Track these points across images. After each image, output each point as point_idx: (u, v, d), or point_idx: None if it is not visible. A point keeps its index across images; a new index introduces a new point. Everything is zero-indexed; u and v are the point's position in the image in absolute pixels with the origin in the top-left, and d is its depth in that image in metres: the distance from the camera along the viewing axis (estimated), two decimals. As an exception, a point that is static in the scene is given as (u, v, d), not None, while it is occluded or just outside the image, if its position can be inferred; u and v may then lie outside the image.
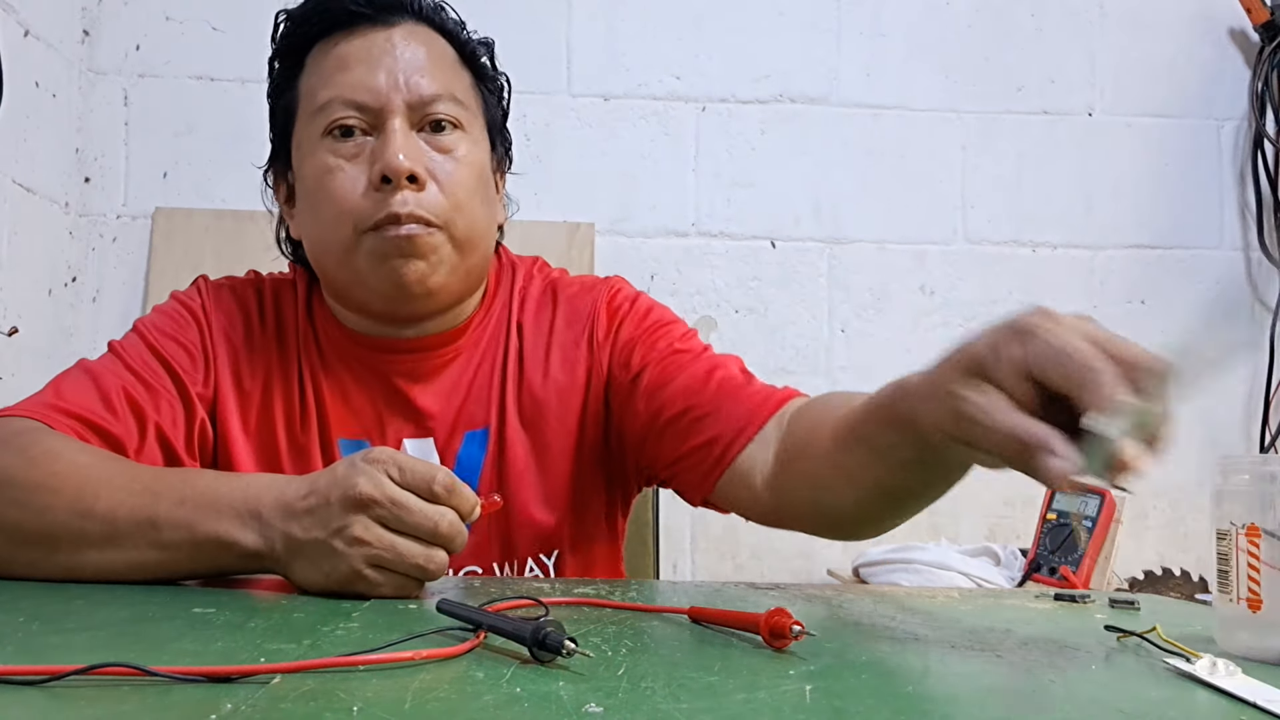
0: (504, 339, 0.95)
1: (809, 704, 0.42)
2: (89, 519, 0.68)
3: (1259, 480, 0.56)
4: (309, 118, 0.87)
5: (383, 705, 0.39)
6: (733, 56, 1.80)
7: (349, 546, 0.62)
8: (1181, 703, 0.45)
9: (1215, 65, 1.86)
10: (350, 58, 0.85)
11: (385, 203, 0.82)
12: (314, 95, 0.86)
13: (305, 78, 0.89)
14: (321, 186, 0.85)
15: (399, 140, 0.83)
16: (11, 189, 1.45)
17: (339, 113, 0.84)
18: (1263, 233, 1.84)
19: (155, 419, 0.83)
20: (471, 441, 0.92)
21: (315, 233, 0.88)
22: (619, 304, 0.96)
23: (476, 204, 0.88)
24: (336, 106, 0.84)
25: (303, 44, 0.89)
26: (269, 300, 0.95)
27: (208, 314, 0.92)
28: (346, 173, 0.84)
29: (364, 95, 0.84)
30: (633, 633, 0.57)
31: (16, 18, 1.45)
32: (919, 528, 1.77)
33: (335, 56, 0.86)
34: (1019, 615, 0.69)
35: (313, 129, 0.86)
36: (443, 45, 0.90)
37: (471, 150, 0.89)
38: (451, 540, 0.63)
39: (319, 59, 0.88)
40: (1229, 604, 0.56)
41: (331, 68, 0.86)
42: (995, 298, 1.82)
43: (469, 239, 0.87)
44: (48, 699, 0.40)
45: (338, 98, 0.84)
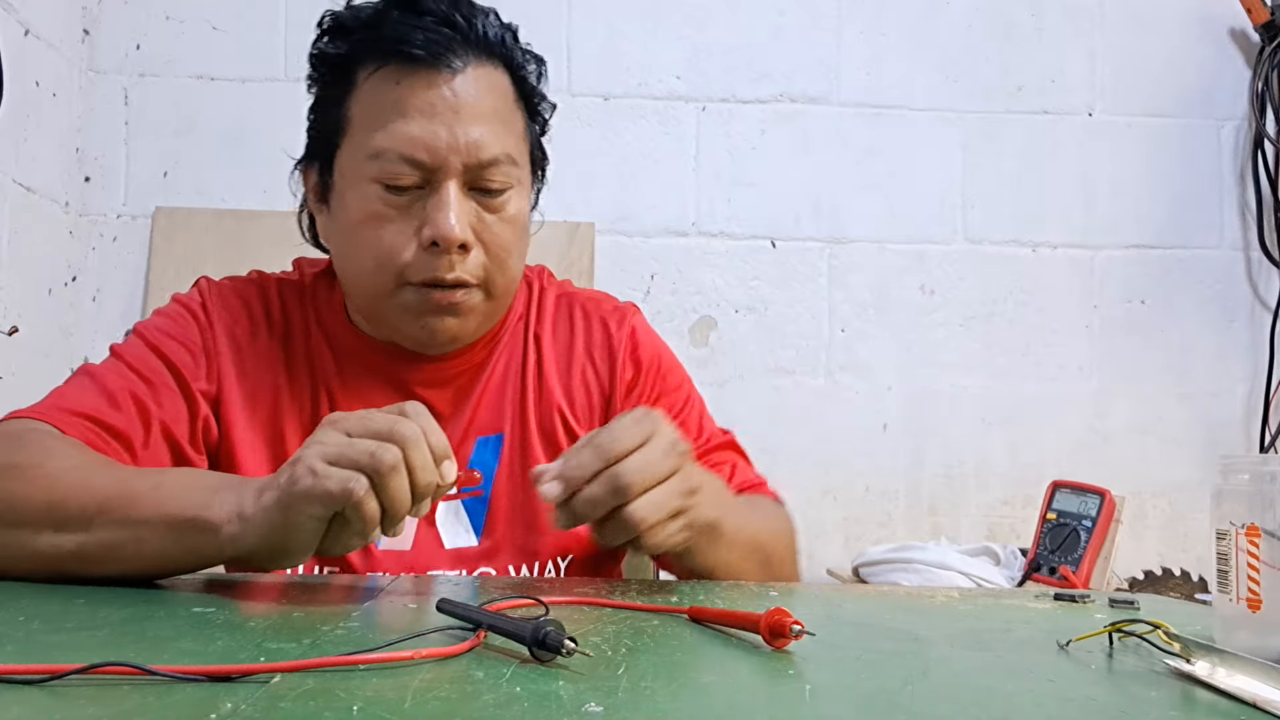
0: (521, 349, 0.96)
1: (809, 704, 0.42)
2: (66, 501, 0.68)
3: (1259, 480, 0.56)
4: (360, 154, 0.84)
5: (382, 705, 0.39)
6: (733, 56, 1.80)
7: (306, 450, 0.62)
8: (1181, 703, 0.45)
9: (1215, 65, 1.86)
10: (410, 106, 0.83)
11: (432, 265, 0.84)
12: (368, 134, 0.84)
13: (357, 102, 0.85)
14: (366, 231, 0.85)
15: (453, 207, 0.83)
16: (11, 188, 1.45)
17: (395, 168, 0.83)
18: (1263, 233, 1.84)
19: (159, 415, 0.84)
20: (484, 447, 0.92)
21: (352, 267, 0.88)
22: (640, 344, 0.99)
23: (516, 258, 0.90)
24: (392, 160, 0.82)
25: (353, 60, 0.86)
26: (275, 300, 0.95)
27: (209, 313, 0.92)
28: (396, 225, 0.84)
29: (422, 153, 0.82)
30: (633, 633, 0.57)
31: (16, 17, 1.45)
32: (919, 528, 1.77)
33: (393, 99, 0.83)
34: (1019, 615, 0.69)
35: (363, 169, 0.84)
36: (504, 86, 0.88)
37: (519, 204, 0.89)
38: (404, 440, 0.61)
39: (375, 90, 0.84)
40: (1229, 604, 0.56)
41: (389, 110, 0.83)
42: (995, 298, 1.82)
43: (505, 292, 0.90)
44: (48, 698, 0.40)
45: (394, 150, 0.82)
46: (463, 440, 0.92)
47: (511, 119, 0.88)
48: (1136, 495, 1.78)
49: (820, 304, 1.79)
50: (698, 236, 1.78)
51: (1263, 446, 1.79)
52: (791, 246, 1.79)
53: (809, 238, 1.80)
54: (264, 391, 0.90)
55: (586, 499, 0.68)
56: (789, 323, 1.79)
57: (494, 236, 0.86)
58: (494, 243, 0.86)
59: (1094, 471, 1.71)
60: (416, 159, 0.82)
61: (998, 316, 1.82)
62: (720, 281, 1.78)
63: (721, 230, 1.79)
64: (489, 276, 0.87)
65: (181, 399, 0.86)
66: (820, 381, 1.78)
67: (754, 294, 1.78)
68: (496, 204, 0.86)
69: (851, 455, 1.78)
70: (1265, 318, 1.84)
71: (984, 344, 1.81)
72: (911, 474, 1.78)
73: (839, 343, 1.79)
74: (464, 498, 0.90)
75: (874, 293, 1.80)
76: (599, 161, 1.76)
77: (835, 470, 1.77)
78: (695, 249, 1.78)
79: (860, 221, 1.80)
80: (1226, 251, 1.86)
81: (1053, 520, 1.33)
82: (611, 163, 1.77)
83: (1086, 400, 1.81)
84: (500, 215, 0.87)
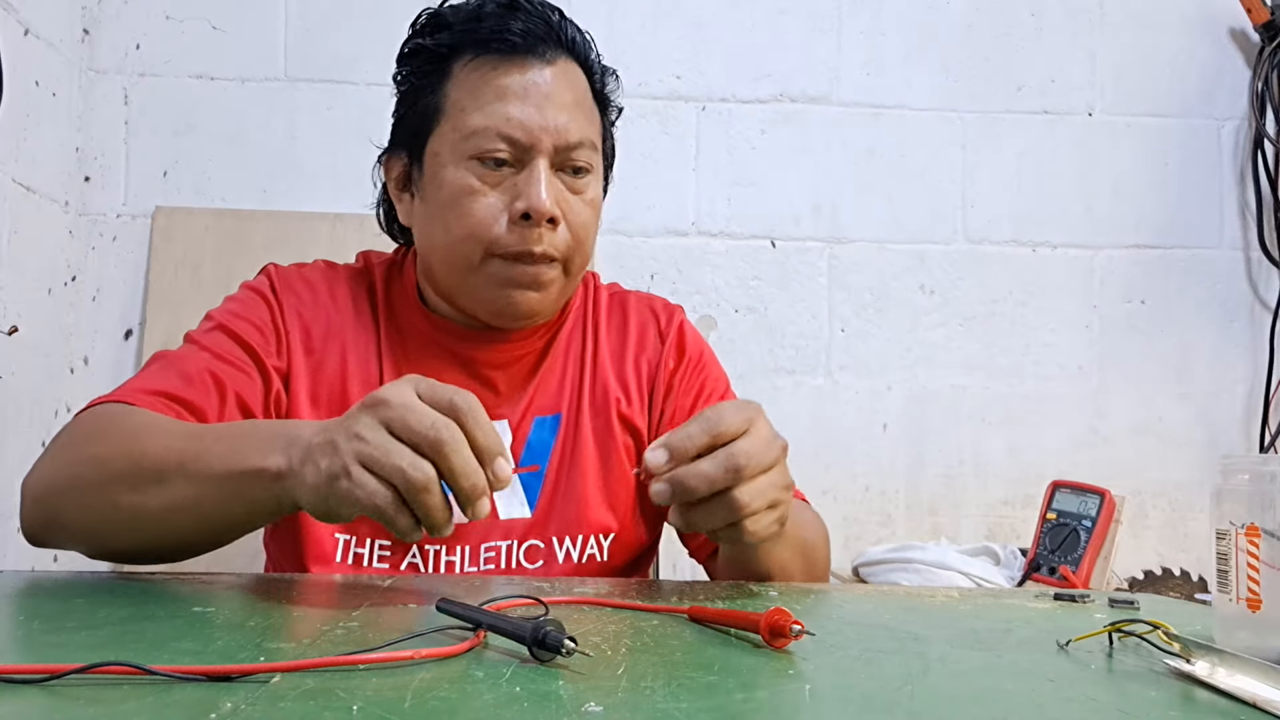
0: (581, 337, 1.03)
1: (809, 704, 0.42)
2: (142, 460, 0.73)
3: (1259, 480, 0.56)
4: (456, 134, 0.90)
5: (382, 704, 0.39)
6: (733, 56, 1.80)
7: (348, 441, 0.62)
8: (1181, 703, 0.45)
9: (1215, 65, 1.86)
10: (508, 90, 0.90)
11: (523, 238, 0.90)
12: (465, 115, 0.90)
13: (454, 89, 0.92)
14: (459, 204, 0.90)
15: (544, 182, 0.89)
16: (11, 188, 1.45)
17: (492, 144, 0.89)
18: (1263, 233, 1.84)
19: (234, 388, 0.88)
20: (541, 426, 0.98)
21: (440, 240, 0.93)
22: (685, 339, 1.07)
23: (592, 239, 0.96)
24: (490, 137, 0.89)
25: (450, 52, 0.93)
26: (342, 284, 1.00)
27: (278, 294, 0.96)
28: (488, 199, 0.90)
29: (518, 132, 0.89)
30: (633, 632, 0.57)
31: (16, 16, 1.45)
32: (919, 528, 1.77)
33: (493, 84, 0.90)
34: (1019, 615, 0.69)
35: (460, 147, 0.90)
36: (585, 84, 0.96)
37: (597, 190, 0.96)
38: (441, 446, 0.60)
39: (472, 77, 0.91)
40: (1229, 604, 0.56)
41: (488, 94, 0.90)
42: (995, 297, 1.82)
43: (579, 271, 0.97)
44: (48, 698, 0.40)
45: (492, 129, 0.89)
46: (522, 418, 0.98)
47: (591, 112, 0.96)
48: (1136, 495, 1.78)
49: (820, 304, 1.79)
50: (698, 236, 1.78)
51: (1263, 446, 1.79)
52: (791, 246, 1.79)
53: (809, 238, 1.80)
54: (331, 369, 0.95)
55: (699, 474, 0.69)
56: (789, 323, 1.79)
57: (576, 215, 0.92)
58: (576, 221, 0.92)
59: (1094, 471, 1.71)
60: (513, 137, 0.89)
61: (998, 316, 1.82)
62: (720, 281, 1.78)
63: (721, 230, 1.79)
64: (569, 254, 0.93)
65: (256, 373, 0.91)
66: (820, 381, 1.78)
67: (754, 294, 1.78)
68: (579, 185, 0.93)
69: (851, 455, 1.78)
70: (1265, 318, 1.84)
71: (984, 344, 1.81)
72: (911, 474, 1.78)
73: (839, 343, 1.79)
74: (522, 471, 0.96)
75: (874, 293, 1.80)
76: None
77: (835, 470, 1.77)
78: (695, 249, 1.78)
79: (860, 221, 1.80)
80: (1226, 251, 1.86)
81: (1053, 520, 1.33)
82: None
83: (1086, 400, 1.81)
84: (582, 196, 0.93)
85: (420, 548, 0.92)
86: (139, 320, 1.65)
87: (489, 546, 0.93)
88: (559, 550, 0.94)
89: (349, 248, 1.73)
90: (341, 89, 1.72)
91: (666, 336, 1.05)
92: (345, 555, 0.90)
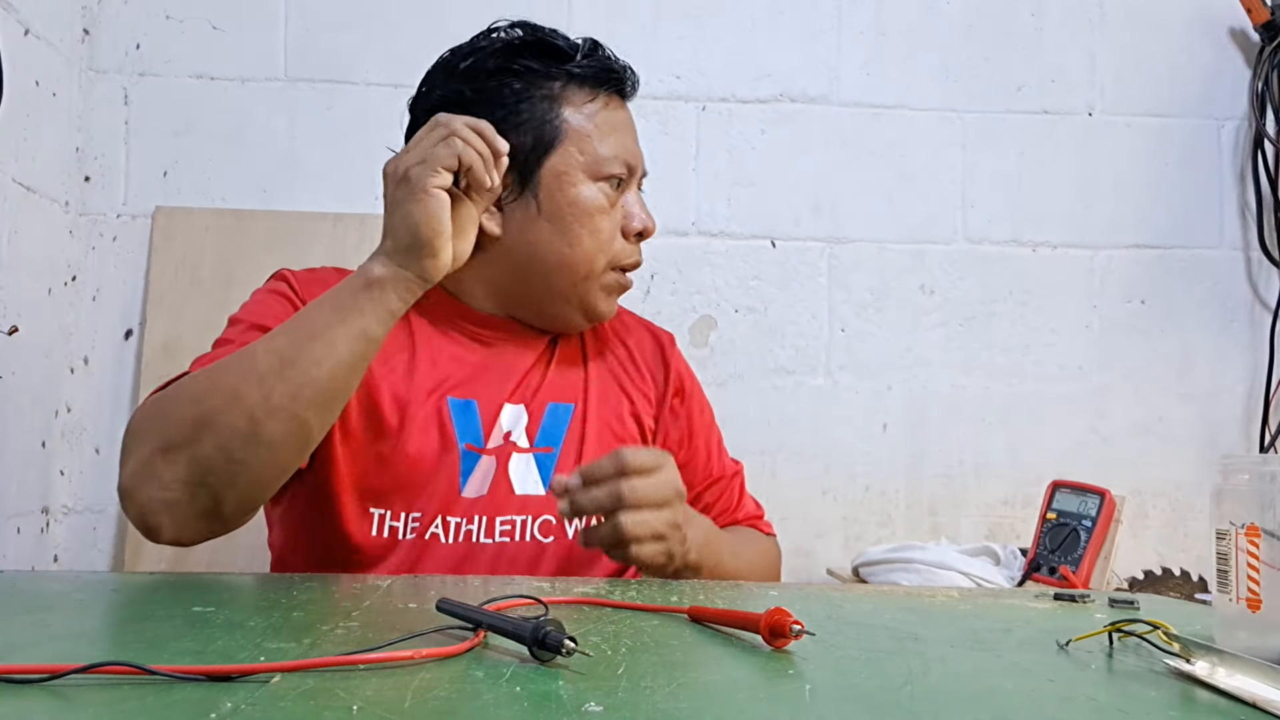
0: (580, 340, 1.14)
1: (809, 704, 0.42)
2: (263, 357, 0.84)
3: (1259, 480, 0.56)
4: (585, 158, 1.03)
5: (382, 704, 0.39)
6: (733, 56, 1.80)
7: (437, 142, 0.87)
8: (1181, 703, 0.46)
9: (1215, 65, 1.86)
10: (621, 125, 1.06)
11: (636, 253, 1.09)
12: (590, 142, 1.03)
13: (576, 113, 1.03)
14: (593, 220, 1.03)
15: (645, 205, 1.08)
16: (11, 188, 1.45)
17: (619, 170, 1.04)
18: (1263, 233, 1.84)
19: None
20: (555, 411, 1.07)
21: (563, 250, 1.03)
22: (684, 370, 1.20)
23: None
24: (618, 164, 1.04)
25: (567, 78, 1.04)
26: None
27: (298, 292, 1.02)
28: (609, 218, 1.05)
29: (634, 160, 1.07)
30: (633, 632, 0.57)
31: (16, 16, 1.45)
32: (919, 528, 1.77)
33: (609, 118, 1.05)
34: (1019, 615, 0.69)
35: (588, 169, 1.03)
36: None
37: None
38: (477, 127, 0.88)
39: (588, 109, 1.04)
40: (1229, 604, 0.56)
41: (607, 127, 1.05)
42: (995, 297, 1.82)
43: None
44: (48, 698, 0.40)
45: (620, 157, 1.04)
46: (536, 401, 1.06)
47: None
48: (1136, 495, 1.78)
49: (820, 304, 1.79)
50: (698, 236, 1.78)
51: (1263, 446, 1.79)
52: (791, 246, 1.79)
53: (809, 238, 1.80)
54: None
55: (588, 496, 0.84)
56: (789, 323, 1.79)
57: None
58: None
59: (1094, 471, 1.71)
60: (631, 164, 1.06)
61: (998, 316, 1.82)
62: (720, 281, 1.78)
63: (721, 230, 1.79)
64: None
65: None
66: (820, 381, 1.78)
67: (754, 294, 1.78)
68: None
69: (851, 455, 1.78)
70: (1265, 318, 1.84)
71: (984, 344, 1.81)
72: (911, 474, 1.78)
73: (839, 343, 1.79)
74: (537, 452, 1.04)
75: (874, 293, 1.80)
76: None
77: (835, 470, 1.77)
78: (695, 249, 1.78)
79: (860, 221, 1.80)
80: (1226, 251, 1.86)
81: (1053, 520, 1.33)
82: (611, 162, 1.77)
83: (1086, 400, 1.81)
84: None
85: (443, 519, 0.98)
86: (139, 320, 1.65)
87: (504, 520, 1.01)
88: (569, 526, 1.02)
89: (349, 248, 1.73)
90: (341, 89, 1.71)
91: (670, 364, 1.17)
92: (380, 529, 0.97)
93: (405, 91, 1.12)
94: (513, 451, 1.03)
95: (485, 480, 1.01)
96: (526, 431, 1.05)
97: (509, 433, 1.04)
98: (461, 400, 1.03)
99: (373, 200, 1.65)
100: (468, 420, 1.02)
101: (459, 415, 1.02)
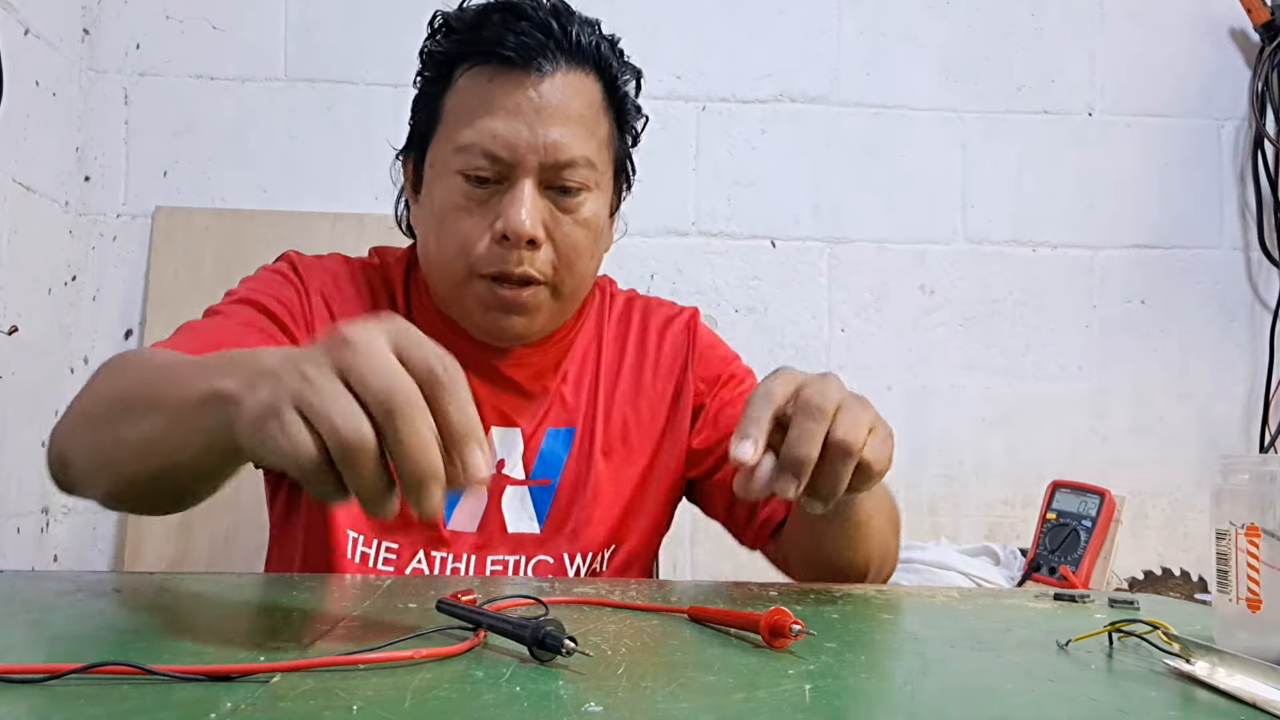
0: (596, 350, 1.00)
1: (809, 704, 0.42)
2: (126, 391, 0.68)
3: (1259, 480, 0.56)
4: (448, 146, 0.89)
5: (382, 704, 0.39)
6: (733, 56, 1.80)
7: (292, 376, 0.50)
8: (1181, 703, 0.45)
9: (1215, 65, 1.86)
10: (496, 103, 0.87)
11: (502, 258, 0.87)
12: (456, 127, 0.88)
13: (451, 97, 0.90)
14: (446, 220, 0.89)
15: (526, 203, 0.86)
16: (11, 188, 1.45)
17: (476, 162, 0.87)
18: (1263, 233, 1.84)
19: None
20: (555, 438, 0.96)
21: (433, 253, 0.92)
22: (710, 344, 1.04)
23: (586, 260, 0.92)
24: (475, 154, 0.86)
25: (454, 59, 0.90)
26: (360, 276, 0.98)
27: (302, 277, 0.94)
28: (473, 216, 0.88)
29: (502, 150, 0.86)
30: (633, 632, 0.57)
31: (16, 16, 1.45)
32: (919, 528, 1.77)
33: (483, 95, 0.87)
34: (1019, 615, 0.69)
35: (450, 161, 0.88)
36: (592, 92, 0.91)
37: (594, 208, 0.92)
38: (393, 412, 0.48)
39: (468, 87, 0.89)
40: (1229, 604, 0.56)
41: (477, 107, 0.87)
42: (995, 297, 1.82)
43: (574, 293, 0.93)
44: (48, 698, 0.40)
45: (478, 145, 0.86)
46: (536, 429, 0.95)
47: (595, 124, 0.91)
48: (1136, 495, 1.78)
49: (820, 304, 1.79)
50: (698, 236, 1.78)
51: (1263, 446, 1.79)
52: (791, 246, 1.79)
53: (809, 238, 1.80)
54: None
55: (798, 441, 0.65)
56: (789, 323, 1.79)
57: (565, 236, 0.89)
58: (564, 242, 0.89)
59: (1094, 471, 1.70)
60: (497, 154, 0.86)
61: (998, 316, 1.82)
62: (720, 281, 1.78)
63: (721, 230, 1.79)
64: (557, 275, 0.90)
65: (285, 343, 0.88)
66: (820, 381, 1.78)
67: (754, 294, 1.78)
68: (571, 204, 0.89)
69: (851, 455, 1.77)
70: (1265, 318, 1.84)
71: (984, 344, 1.81)
72: (911, 474, 1.78)
73: (839, 343, 1.79)
74: (533, 484, 0.94)
75: (874, 293, 1.80)
76: (599, 161, 1.76)
77: (835, 470, 1.77)
78: (695, 248, 1.78)
79: (860, 221, 1.80)
80: (1226, 251, 1.86)
81: (1052, 520, 1.33)
82: (611, 162, 1.77)
83: (1086, 400, 1.81)
84: (574, 216, 0.90)
85: (427, 554, 0.90)
86: (139, 320, 1.65)
87: (495, 559, 0.91)
88: (569, 567, 0.92)
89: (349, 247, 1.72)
90: (341, 89, 1.71)
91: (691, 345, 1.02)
92: (353, 552, 0.89)
93: (405, 91, 1.11)
94: (506, 484, 0.93)
95: (475, 514, 0.92)
96: (523, 460, 0.94)
97: (502, 461, 0.94)
98: None
99: (372, 200, 1.65)
100: None
101: None
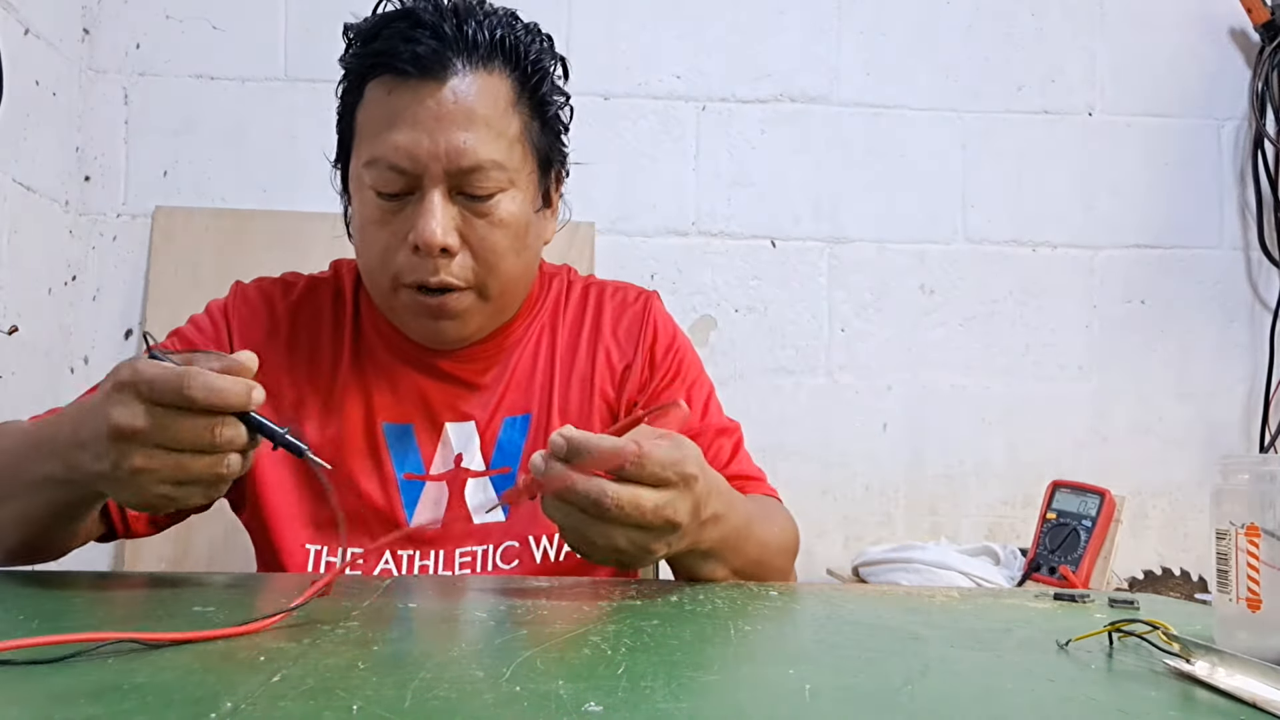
0: (551, 336, 1.01)
1: (809, 704, 0.42)
2: None
3: (1259, 480, 0.56)
4: (359, 161, 0.89)
5: (382, 704, 0.39)
6: (733, 56, 1.80)
7: (136, 477, 0.63)
8: (1181, 703, 0.45)
9: (1215, 65, 1.86)
10: (398, 115, 0.86)
11: (419, 268, 0.88)
12: (365, 142, 0.88)
13: (361, 111, 0.90)
14: (367, 233, 0.90)
15: (435, 213, 0.86)
16: (11, 188, 1.45)
17: (384, 175, 0.87)
18: (1263, 233, 1.84)
19: None
20: (511, 426, 0.97)
21: (362, 264, 0.94)
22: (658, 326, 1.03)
23: (510, 259, 0.91)
24: (381, 169, 0.86)
25: (362, 72, 0.90)
26: (297, 298, 0.99)
27: (228, 317, 0.97)
28: (388, 228, 0.88)
29: (405, 162, 0.86)
30: (633, 632, 0.57)
31: (16, 16, 1.45)
32: (919, 528, 1.77)
33: (385, 108, 0.87)
34: (1019, 615, 0.69)
35: (362, 175, 0.89)
36: (497, 90, 0.89)
37: (511, 207, 0.90)
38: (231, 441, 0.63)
39: (372, 99, 0.89)
40: (1229, 604, 0.56)
41: (380, 120, 0.87)
42: (995, 297, 1.82)
43: (500, 293, 0.92)
44: (47, 698, 0.40)
45: (382, 159, 0.86)
46: (491, 419, 0.96)
47: (504, 123, 0.89)
48: (1136, 495, 1.78)
49: (820, 304, 1.79)
50: (698, 236, 1.78)
51: (1263, 446, 1.79)
52: (791, 246, 1.79)
53: (809, 238, 1.80)
54: (283, 386, 0.94)
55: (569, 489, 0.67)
56: (789, 322, 1.79)
57: (482, 240, 0.89)
58: (482, 246, 0.89)
59: (1094, 471, 1.71)
60: (401, 166, 0.86)
61: (998, 316, 1.82)
62: (720, 281, 1.78)
63: (721, 230, 1.79)
64: (480, 279, 0.90)
65: None
66: (820, 381, 1.78)
67: (754, 294, 1.78)
68: (484, 208, 0.88)
69: (851, 455, 1.78)
70: (1265, 318, 1.84)
71: (984, 344, 1.81)
72: (911, 473, 1.78)
73: (839, 343, 1.79)
74: (492, 474, 0.95)
75: (874, 293, 1.80)
76: (599, 161, 1.76)
77: (835, 470, 1.77)
78: (695, 249, 1.78)
79: (860, 221, 1.80)
80: (1226, 251, 1.86)
81: (1053, 520, 1.33)
82: (611, 162, 1.77)
83: (1086, 400, 1.81)
84: (489, 219, 0.89)
85: (393, 553, 0.91)
86: (139, 320, 1.65)
87: (464, 551, 0.92)
88: (536, 550, 0.92)
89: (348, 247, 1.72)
90: (341, 89, 1.71)
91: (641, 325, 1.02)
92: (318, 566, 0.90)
93: (405, 91, 1.12)
94: (466, 478, 0.94)
95: (438, 509, 0.93)
96: (481, 452, 0.95)
97: (460, 455, 0.95)
98: (397, 425, 0.94)
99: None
100: (405, 447, 0.94)
101: (395, 442, 0.94)
